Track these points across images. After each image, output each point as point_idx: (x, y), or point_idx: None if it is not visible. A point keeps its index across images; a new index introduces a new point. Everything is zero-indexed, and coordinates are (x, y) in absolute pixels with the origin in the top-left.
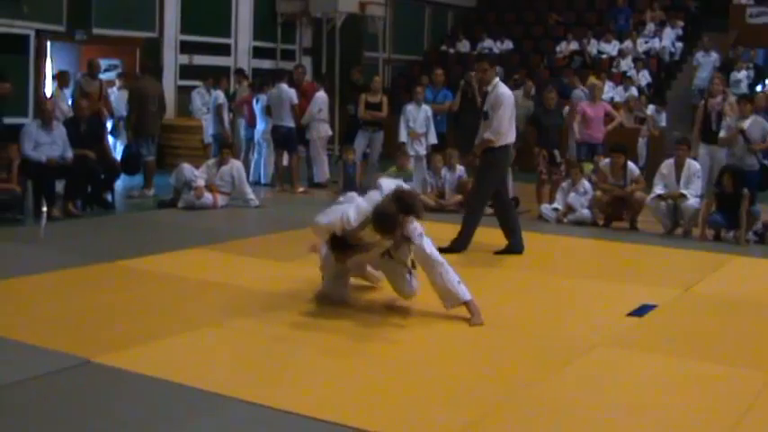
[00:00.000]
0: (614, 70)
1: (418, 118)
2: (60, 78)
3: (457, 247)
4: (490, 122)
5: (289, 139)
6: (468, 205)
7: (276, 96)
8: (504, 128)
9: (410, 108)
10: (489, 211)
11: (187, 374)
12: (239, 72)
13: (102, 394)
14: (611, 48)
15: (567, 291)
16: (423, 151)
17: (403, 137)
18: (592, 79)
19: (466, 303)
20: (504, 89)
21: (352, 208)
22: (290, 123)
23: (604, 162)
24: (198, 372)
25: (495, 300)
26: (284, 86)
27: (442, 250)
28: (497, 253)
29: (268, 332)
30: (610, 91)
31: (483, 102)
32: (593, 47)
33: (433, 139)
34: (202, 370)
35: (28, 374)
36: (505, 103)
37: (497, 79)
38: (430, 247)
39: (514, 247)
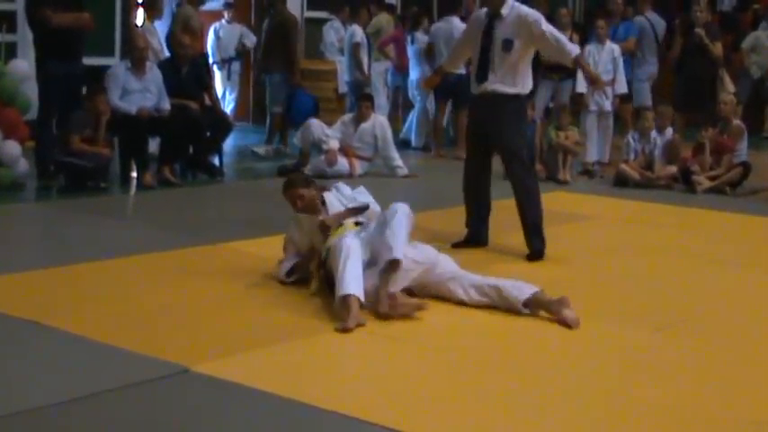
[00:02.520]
0: None
1: (601, 60)
2: (149, 8)
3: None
4: (517, 59)
5: (459, 89)
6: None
7: (445, 32)
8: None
9: (590, 48)
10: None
11: (301, 389)
12: (377, 1)
13: (203, 409)
14: None
15: None
16: (608, 106)
17: (582, 86)
18: None
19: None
20: (530, 9)
21: None
22: (462, 69)
23: None
24: (316, 386)
25: (711, 306)
26: (455, 20)
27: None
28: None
29: (405, 337)
30: None
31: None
32: None
33: (623, 88)
34: (321, 384)
35: (119, 383)
36: (545, 21)
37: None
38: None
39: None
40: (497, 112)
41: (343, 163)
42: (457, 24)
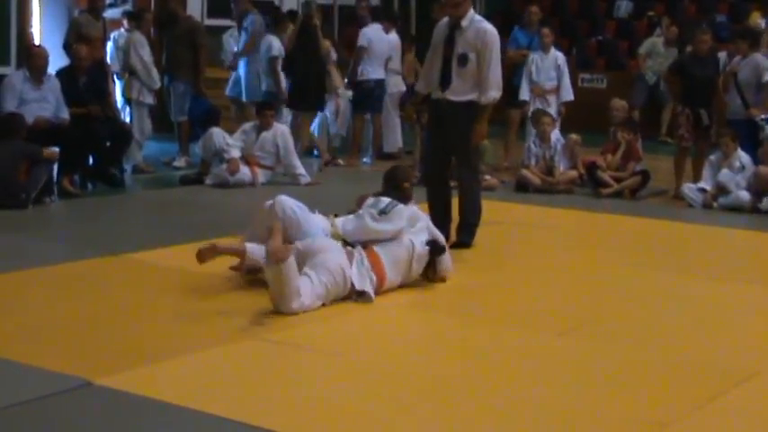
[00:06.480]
0: None
1: (544, 68)
2: (137, 19)
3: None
4: (474, 70)
5: (378, 96)
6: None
7: (378, 37)
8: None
9: (534, 56)
10: None
11: (210, 401)
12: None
13: (106, 423)
14: None
15: (716, 299)
16: (552, 113)
17: (525, 94)
18: (755, 17)
19: None
20: (490, 25)
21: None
22: (382, 74)
23: None
24: (221, 397)
25: (616, 309)
26: (379, 26)
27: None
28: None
29: (313, 346)
30: None
31: (450, 41)
32: None
33: (568, 96)
34: (226, 395)
35: (17, 399)
36: (497, 45)
37: (472, 11)
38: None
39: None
40: (455, 118)
41: (245, 172)
42: (378, 27)
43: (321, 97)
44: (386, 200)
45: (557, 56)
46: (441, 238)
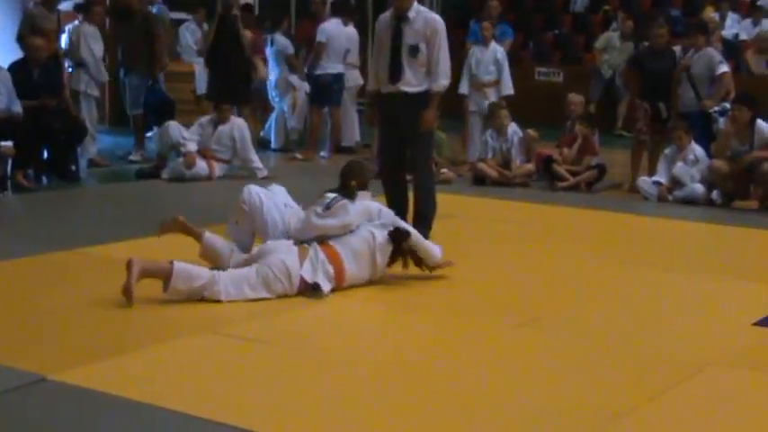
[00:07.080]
0: None
1: (483, 61)
2: (86, 11)
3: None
4: (425, 60)
5: (337, 90)
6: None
7: (336, 34)
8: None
9: (474, 49)
10: None
11: (167, 396)
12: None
13: (61, 420)
14: None
15: (670, 291)
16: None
17: (464, 87)
18: (708, 12)
19: None
20: (436, 15)
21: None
22: (341, 68)
23: (723, 120)
24: (177, 391)
25: (573, 301)
26: (339, 21)
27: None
28: None
29: (271, 340)
30: (733, 26)
31: (398, 33)
32: None
33: (507, 90)
34: (182, 389)
35: None
36: (445, 33)
37: (416, 2)
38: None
39: None
40: (410, 110)
41: (201, 165)
42: (337, 22)
43: (247, 89)
44: (331, 195)
45: (496, 49)
46: (408, 228)
